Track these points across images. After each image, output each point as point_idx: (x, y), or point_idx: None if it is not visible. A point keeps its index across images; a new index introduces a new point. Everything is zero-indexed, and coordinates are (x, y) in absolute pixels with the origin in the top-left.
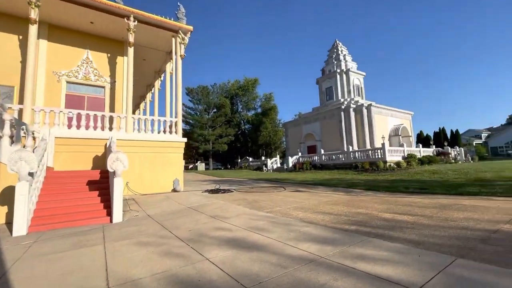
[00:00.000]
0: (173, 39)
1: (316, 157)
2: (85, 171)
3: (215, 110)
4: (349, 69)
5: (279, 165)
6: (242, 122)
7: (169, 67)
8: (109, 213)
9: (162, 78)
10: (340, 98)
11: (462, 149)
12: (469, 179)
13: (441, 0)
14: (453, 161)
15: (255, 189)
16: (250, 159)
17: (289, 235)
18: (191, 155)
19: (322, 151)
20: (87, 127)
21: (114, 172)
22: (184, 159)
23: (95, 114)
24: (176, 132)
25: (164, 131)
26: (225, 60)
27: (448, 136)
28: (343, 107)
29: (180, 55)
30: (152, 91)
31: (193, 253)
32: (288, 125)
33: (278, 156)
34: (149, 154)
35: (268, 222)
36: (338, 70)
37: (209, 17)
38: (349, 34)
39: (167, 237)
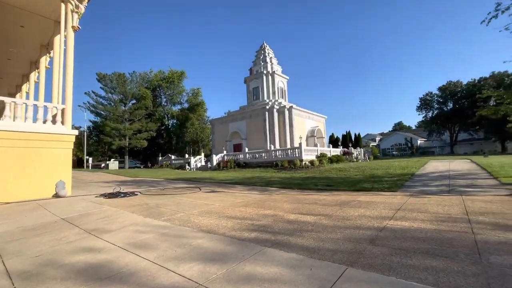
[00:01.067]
0: (63, 4)
1: (241, 156)
2: None
3: (134, 101)
4: (274, 71)
5: (203, 163)
6: (166, 116)
7: (58, 41)
8: None
9: (52, 54)
10: (265, 98)
11: (362, 149)
12: (365, 176)
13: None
14: (355, 159)
15: (167, 190)
16: (173, 157)
17: (174, 252)
18: (103, 151)
19: (247, 150)
20: None
21: None
22: (93, 156)
23: None
24: (63, 123)
25: (45, 121)
26: (149, 50)
27: (353, 138)
28: (267, 107)
29: (72, 27)
30: (39, 70)
31: None
32: (215, 123)
33: (202, 154)
34: (19, 150)
35: (158, 234)
36: (265, 72)
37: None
38: (275, 40)
39: None
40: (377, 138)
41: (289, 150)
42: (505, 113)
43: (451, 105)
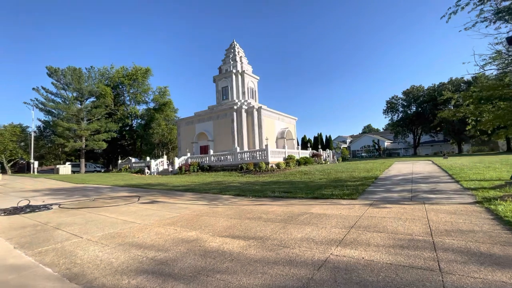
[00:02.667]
0: None
1: (205, 158)
2: None
3: (93, 99)
4: (244, 71)
5: (166, 167)
6: (129, 116)
7: None
8: None
9: None
10: (235, 98)
11: (331, 151)
12: (329, 179)
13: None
14: (324, 162)
15: (98, 201)
16: (133, 160)
17: None
18: (57, 154)
19: (211, 152)
20: None
21: None
22: (45, 159)
23: None
24: None
25: None
26: (110, 46)
27: (324, 140)
28: (235, 107)
29: None
30: None
31: None
32: (181, 123)
33: (165, 157)
34: None
35: None
36: (234, 71)
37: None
38: (247, 40)
39: None
40: (348, 140)
41: (255, 152)
42: (464, 115)
43: (414, 108)
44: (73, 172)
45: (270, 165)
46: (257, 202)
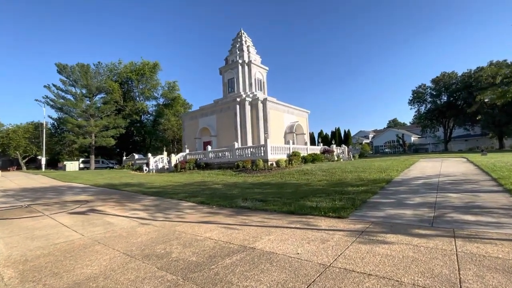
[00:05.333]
0: None
1: (204, 155)
2: None
3: (103, 95)
4: (251, 61)
5: (166, 163)
6: (138, 112)
7: None
8: None
9: None
10: (241, 91)
11: (346, 147)
12: (330, 181)
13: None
14: (336, 158)
15: (28, 208)
16: (136, 156)
17: None
18: (70, 151)
19: (209, 148)
20: None
21: None
22: (62, 155)
23: None
24: None
25: None
26: (117, 41)
27: (342, 135)
28: (239, 99)
29: None
30: None
31: None
32: (185, 118)
33: (165, 153)
34: None
35: None
36: (240, 61)
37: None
38: (261, 32)
39: None
40: (370, 135)
41: (254, 148)
42: None
43: (445, 98)
44: (85, 168)
45: (270, 162)
46: (209, 216)
